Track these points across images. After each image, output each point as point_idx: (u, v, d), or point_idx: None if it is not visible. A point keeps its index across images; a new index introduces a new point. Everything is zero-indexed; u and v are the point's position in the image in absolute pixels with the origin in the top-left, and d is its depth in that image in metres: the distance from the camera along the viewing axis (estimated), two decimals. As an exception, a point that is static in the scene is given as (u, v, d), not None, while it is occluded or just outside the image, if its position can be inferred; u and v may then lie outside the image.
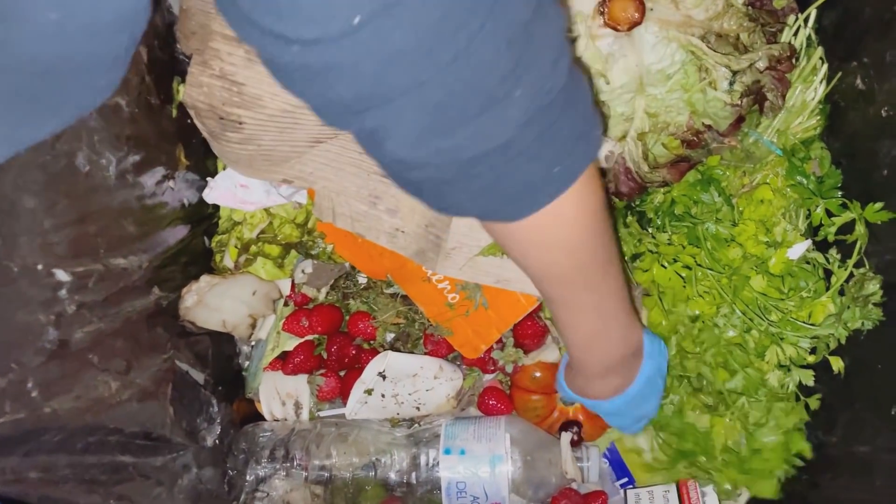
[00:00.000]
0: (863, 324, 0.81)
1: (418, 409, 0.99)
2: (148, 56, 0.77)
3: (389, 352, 0.95)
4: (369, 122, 0.46)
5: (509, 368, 0.97)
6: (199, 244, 0.95)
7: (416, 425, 1.03)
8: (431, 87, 0.43)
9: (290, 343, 1.02)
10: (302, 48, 0.41)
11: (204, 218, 0.95)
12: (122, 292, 0.69)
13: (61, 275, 0.62)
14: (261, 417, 1.04)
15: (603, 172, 0.93)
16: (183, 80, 0.83)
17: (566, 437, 0.95)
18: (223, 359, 1.01)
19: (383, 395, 0.97)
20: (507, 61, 0.45)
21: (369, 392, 0.96)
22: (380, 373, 0.94)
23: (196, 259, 0.94)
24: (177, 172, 0.85)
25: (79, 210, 0.63)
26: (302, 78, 0.44)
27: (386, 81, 0.43)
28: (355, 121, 0.47)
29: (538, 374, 0.96)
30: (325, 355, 1.02)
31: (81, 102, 0.47)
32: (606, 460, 1.02)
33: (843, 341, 0.84)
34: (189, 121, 0.86)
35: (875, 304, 0.81)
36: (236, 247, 0.95)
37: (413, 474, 0.97)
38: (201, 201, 0.93)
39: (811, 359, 0.87)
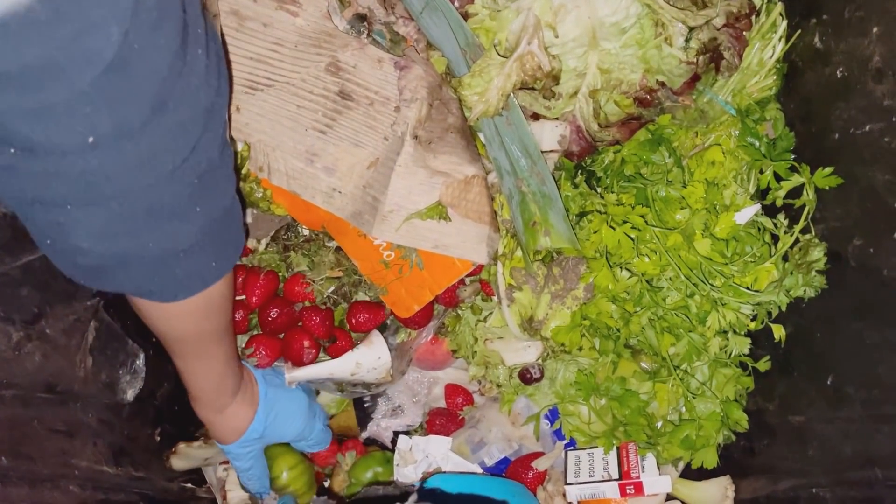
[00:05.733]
0: (805, 291, 0.80)
1: (354, 386, 0.99)
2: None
3: (285, 373, 0.95)
4: (61, 217, 0.52)
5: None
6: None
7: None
8: (131, 199, 0.53)
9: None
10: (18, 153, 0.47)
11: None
12: (17, 239, 0.65)
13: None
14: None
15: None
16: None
17: None
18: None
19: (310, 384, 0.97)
20: (195, 188, 0.57)
21: None
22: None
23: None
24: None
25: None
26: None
27: (90, 189, 0.50)
28: (43, 212, 0.52)
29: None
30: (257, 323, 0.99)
31: None
32: (548, 422, 1.01)
33: (784, 308, 0.82)
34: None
35: (818, 272, 0.79)
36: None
37: None
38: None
39: (752, 325, 0.85)
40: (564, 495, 0.95)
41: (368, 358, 0.94)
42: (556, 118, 0.90)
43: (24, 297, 0.67)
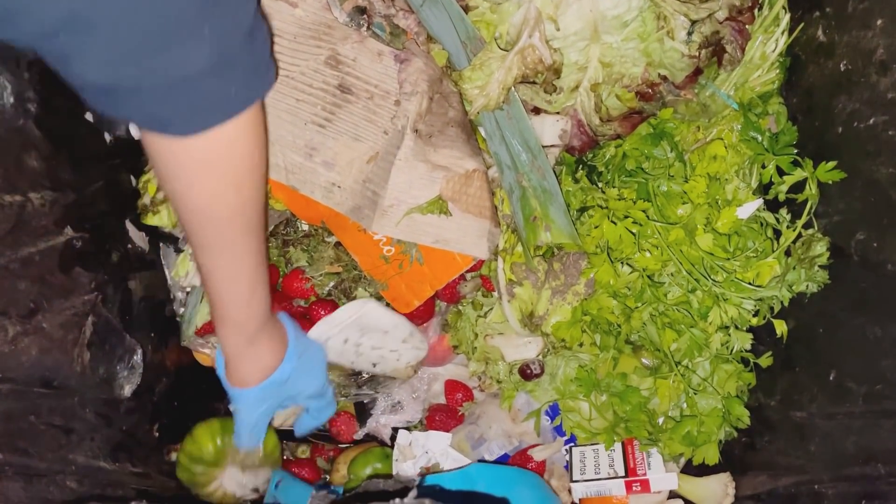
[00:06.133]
0: (807, 286, 0.79)
1: (374, 365, 0.96)
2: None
3: (369, 301, 0.91)
4: (60, 46, 0.49)
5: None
6: (126, 182, 0.90)
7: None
8: (123, 23, 0.48)
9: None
10: None
11: (131, 155, 0.89)
12: (19, 231, 0.65)
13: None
14: (196, 366, 1.01)
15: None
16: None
17: None
18: (155, 305, 0.97)
19: (346, 341, 0.93)
20: (200, 5, 0.51)
21: None
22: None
23: (121, 199, 0.89)
24: (95, 106, 0.79)
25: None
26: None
27: (79, 14, 0.47)
28: (45, 42, 0.49)
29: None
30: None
31: None
32: (548, 418, 1.00)
33: (786, 304, 0.82)
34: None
35: (821, 267, 0.79)
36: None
37: None
38: (129, 137, 0.88)
39: (754, 321, 0.85)
40: (570, 491, 0.95)
41: (418, 336, 0.94)
42: (558, 112, 0.89)
43: (22, 291, 0.67)
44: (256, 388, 0.79)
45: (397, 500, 0.55)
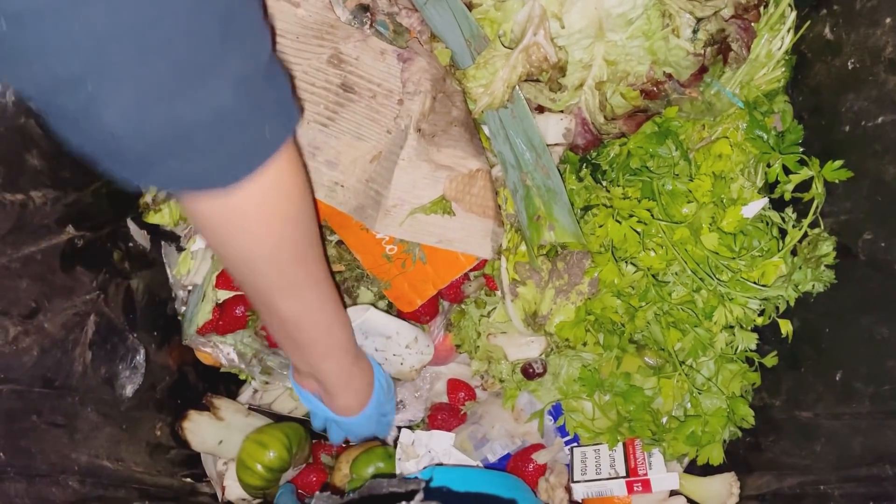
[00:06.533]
0: (813, 286, 0.79)
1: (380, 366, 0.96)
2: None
3: (371, 308, 0.91)
4: (82, 96, 0.47)
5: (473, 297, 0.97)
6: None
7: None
8: (149, 59, 0.47)
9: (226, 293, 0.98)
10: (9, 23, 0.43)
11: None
12: (20, 230, 0.64)
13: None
14: (198, 365, 1.01)
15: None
16: None
17: None
18: (157, 304, 0.96)
19: None
20: (219, 38, 0.50)
21: None
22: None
23: (123, 197, 0.88)
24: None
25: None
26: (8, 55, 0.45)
27: (103, 55, 0.46)
28: (65, 96, 0.48)
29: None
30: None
31: None
32: (551, 418, 1.00)
33: (792, 303, 0.81)
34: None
35: (827, 266, 0.78)
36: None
37: None
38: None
39: (759, 320, 0.84)
40: (567, 487, 0.94)
41: (423, 341, 0.95)
42: (562, 111, 0.89)
43: (23, 291, 0.67)
44: (360, 416, 0.88)
45: (403, 503, 0.54)
